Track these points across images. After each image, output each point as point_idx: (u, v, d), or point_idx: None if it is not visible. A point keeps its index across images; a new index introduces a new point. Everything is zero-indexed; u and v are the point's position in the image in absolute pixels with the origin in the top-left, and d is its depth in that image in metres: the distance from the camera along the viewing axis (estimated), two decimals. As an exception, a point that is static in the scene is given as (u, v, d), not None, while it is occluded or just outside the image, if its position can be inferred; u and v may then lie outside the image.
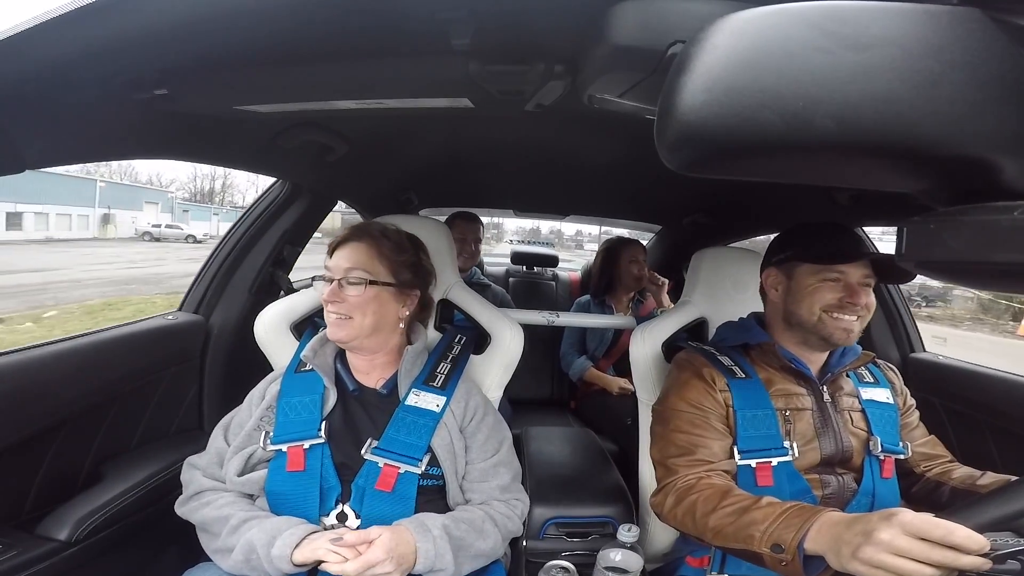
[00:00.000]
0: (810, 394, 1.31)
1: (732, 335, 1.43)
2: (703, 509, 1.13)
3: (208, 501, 1.18)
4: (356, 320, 1.25)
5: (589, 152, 1.85)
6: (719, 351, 1.39)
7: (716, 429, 1.27)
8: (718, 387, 1.30)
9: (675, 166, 0.43)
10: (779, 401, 1.29)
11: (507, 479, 1.32)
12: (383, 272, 1.29)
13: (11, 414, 1.20)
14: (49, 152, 0.94)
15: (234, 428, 1.27)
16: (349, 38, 0.85)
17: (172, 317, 1.76)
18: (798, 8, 0.37)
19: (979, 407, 1.73)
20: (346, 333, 1.25)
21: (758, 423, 1.26)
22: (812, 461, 1.25)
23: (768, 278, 1.38)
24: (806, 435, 1.27)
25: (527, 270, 3.85)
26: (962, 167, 0.37)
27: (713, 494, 1.14)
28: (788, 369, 1.32)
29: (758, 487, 1.22)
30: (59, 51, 0.73)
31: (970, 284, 0.45)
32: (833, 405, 1.31)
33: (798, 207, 1.94)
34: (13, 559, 1.13)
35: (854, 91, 0.35)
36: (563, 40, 0.86)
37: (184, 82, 0.94)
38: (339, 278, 1.25)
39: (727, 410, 1.29)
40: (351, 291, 1.25)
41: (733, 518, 1.07)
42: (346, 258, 1.27)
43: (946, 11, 0.36)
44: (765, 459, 1.24)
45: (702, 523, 1.12)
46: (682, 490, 1.21)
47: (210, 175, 35.80)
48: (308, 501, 1.18)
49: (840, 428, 1.28)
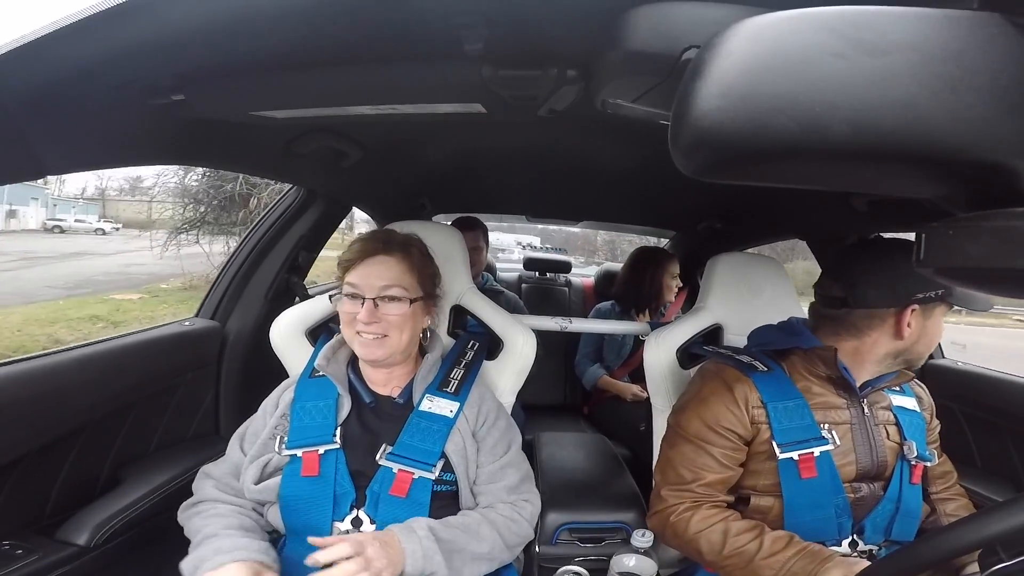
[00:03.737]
0: (849, 407, 1.27)
1: (777, 338, 1.35)
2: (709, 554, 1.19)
3: (201, 511, 1.17)
4: (393, 338, 1.23)
5: (602, 157, 1.85)
6: (739, 352, 1.36)
7: (720, 462, 1.25)
8: (750, 404, 1.25)
9: (690, 172, 0.43)
10: (817, 414, 1.25)
11: (515, 480, 1.30)
12: (415, 286, 1.27)
13: (32, 420, 1.21)
14: (67, 158, 0.95)
15: (249, 437, 1.27)
16: (364, 44, 0.86)
17: (189, 323, 1.78)
18: (815, 13, 0.37)
19: (999, 414, 1.71)
20: (384, 352, 1.23)
21: (791, 413, 1.23)
22: (848, 475, 1.23)
23: (907, 315, 1.21)
24: (843, 447, 1.24)
25: (540, 276, 3.85)
26: (982, 173, 0.36)
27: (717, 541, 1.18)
28: (834, 380, 1.28)
29: (802, 479, 1.20)
30: (77, 57, 0.74)
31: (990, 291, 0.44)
32: (872, 418, 1.28)
33: (814, 213, 1.92)
34: (34, 564, 1.14)
35: (872, 96, 0.35)
36: (576, 45, 0.86)
37: (201, 88, 0.95)
38: (373, 296, 1.21)
39: (756, 430, 1.25)
40: (390, 308, 1.22)
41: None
42: (378, 275, 1.23)
43: (966, 16, 0.36)
44: (807, 450, 1.21)
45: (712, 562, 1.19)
46: (666, 520, 1.25)
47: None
48: (321, 506, 1.17)
49: (877, 443, 1.26)
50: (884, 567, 0.75)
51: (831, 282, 1.28)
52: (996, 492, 1.61)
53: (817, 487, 1.20)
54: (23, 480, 1.22)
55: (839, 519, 1.21)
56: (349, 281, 1.24)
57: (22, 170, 0.87)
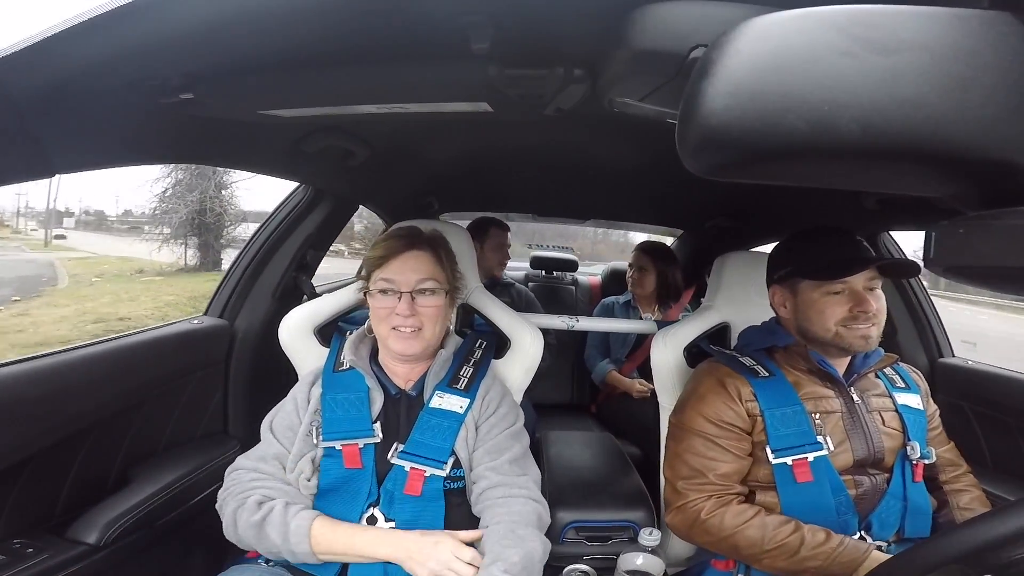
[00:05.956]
0: (838, 396, 1.29)
1: (758, 338, 1.41)
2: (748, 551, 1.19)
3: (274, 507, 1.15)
4: (427, 330, 1.26)
5: (610, 156, 1.84)
6: (742, 354, 1.38)
7: (730, 452, 1.26)
8: (743, 397, 1.28)
9: (698, 171, 0.43)
10: (808, 404, 1.27)
11: (519, 452, 1.29)
12: (445, 279, 1.30)
13: (41, 419, 1.22)
14: (77, 157, 0.96)
15: (282, 431, 1.26)
16: (371, 43, 0.86)
17: (198, 322, 1.79)
18: (823, 12, 0.36)
19: (1010, 412, 1.69)
20: (420, 345, 1.26)
21: (788, 420, 1.25)
22: (845, 463, 1.24)
23: (775, 296, 1.37)
24: (837, 437, 1.25)
25: (546, 274, 3.84)
26: (992, 171, 0.36)
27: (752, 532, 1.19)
28: (815, 371, 1.30)
29: (798, 483, 1.22)
30: (87, 56, 0.74)
31: (1001, 289, 0.44)
32: (864, 406, 1.30)
33: (823, 211, 1.91)
34: (44, 562, 1.15)
35: (881, 95, 0.34)
36: (583, 44, 0.85)
37: (210, 86, 0.95)
38: (409, 290, 1.24)
39: (753, 421, 1.28)
40: (427, 302, 1.25)
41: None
42: (414, 269, 1.26)
43: (976, 15, 0.36)
44: (801, 455, 1.23)
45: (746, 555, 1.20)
46: (695, 517, 1.24)
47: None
48: (357, 498, 1.19)
49: (871, 429, 1.27)
50: (909, 558, 0.75)
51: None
52: (1008, 491, 1.59)
53: (814, 490, 1.21)
54: (33, 479, 1.23)
55: (842, 517, 1.22)
56: (384, 277, 1.26)
57: (32, 170, 0.88)
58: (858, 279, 1.22)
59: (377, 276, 1.27)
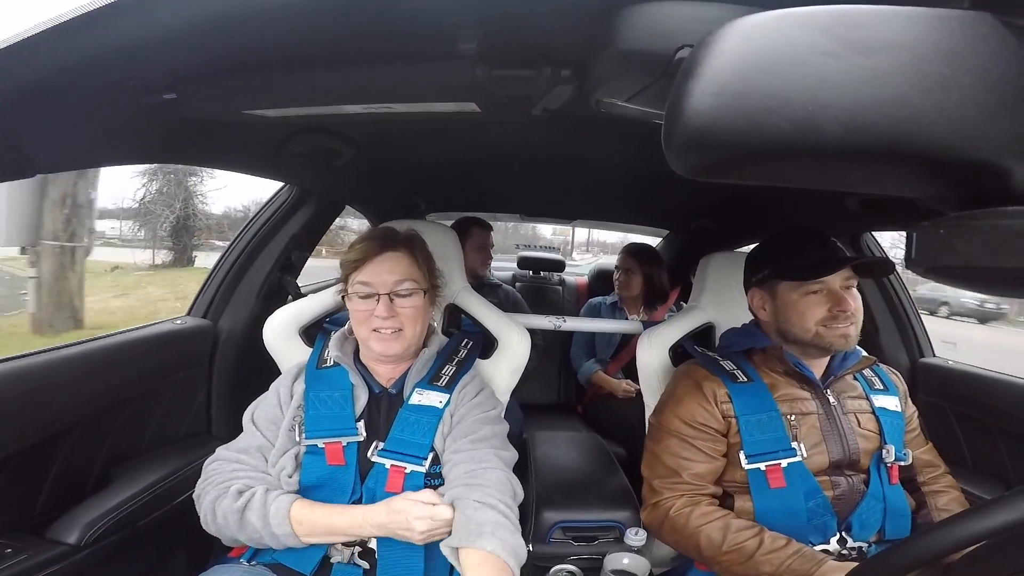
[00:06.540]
0: (814, 398, 1.31)
1: (737, 341, 1.43)
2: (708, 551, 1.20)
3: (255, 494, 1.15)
4: (407, 331, 1.25)
5: (597, 156, 1.85)
6: (723, 357, 1.39)
7: (704, 452, 1.28)
8: (718, 399, 1.30)
9: (683, 171, 0.43)
10: (784, 406, 1.29)
11: (488, 433, 1.25)
12: (422, 278, 1.30)
13: (21, 418, 1.20)
14: (59, 156, 0.95)
15: (264, 423, 1.26)
16: (357, 42, 0.85)
17: (181, 322, 1.77)
18: (806, 12, 0.37)
19: (990, 412, 1.72)
20: (401, 346, 1.26)
21: (763, 426, 1.27)
22: (820, 465, 1.26)
23: (754, 299, 1.40)
24: (812, 439, 1.27)
25: (533, 275, 3.85)
26: (972, 172, 0.37)
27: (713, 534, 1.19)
28: (792, 373, 1.32)
29: (771, 489, 1.23)
30: (69, 55, 0.73)
31: (980, 289, 0.44)
32: (839, 407, 1.31)
33: (807, 212, 1.93)
34: (23, 563, 1.13)
35: (863, 95, 0.35)
36: (570, 45, 0.86)
37: (193, 86, 0.95)
38: (386, 292, 1.24)
39: (728, 423, 1.29)
40: (405, 303, 1.25)
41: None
42: (390, 270, 1.25)
43: (957, 15, 0.36)
44: (774, 461, 1.24)
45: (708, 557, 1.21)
46: (665, 515, 1.26)
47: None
48: (341, 496, 1.19)
49: (846, 431, 1.28)
50: (875, 564, 0.75)
51: None
52: (987, 491, 1.62)
53: (788, 496, 1.22)
54: (13, 479, 1.21)
55: (820, 520, 1.23)
56: (360, 280, 1.26)
57: (15, 169, 0.87)
58: (835, 279, 1.24)
59: (354, 279, 1.27)
